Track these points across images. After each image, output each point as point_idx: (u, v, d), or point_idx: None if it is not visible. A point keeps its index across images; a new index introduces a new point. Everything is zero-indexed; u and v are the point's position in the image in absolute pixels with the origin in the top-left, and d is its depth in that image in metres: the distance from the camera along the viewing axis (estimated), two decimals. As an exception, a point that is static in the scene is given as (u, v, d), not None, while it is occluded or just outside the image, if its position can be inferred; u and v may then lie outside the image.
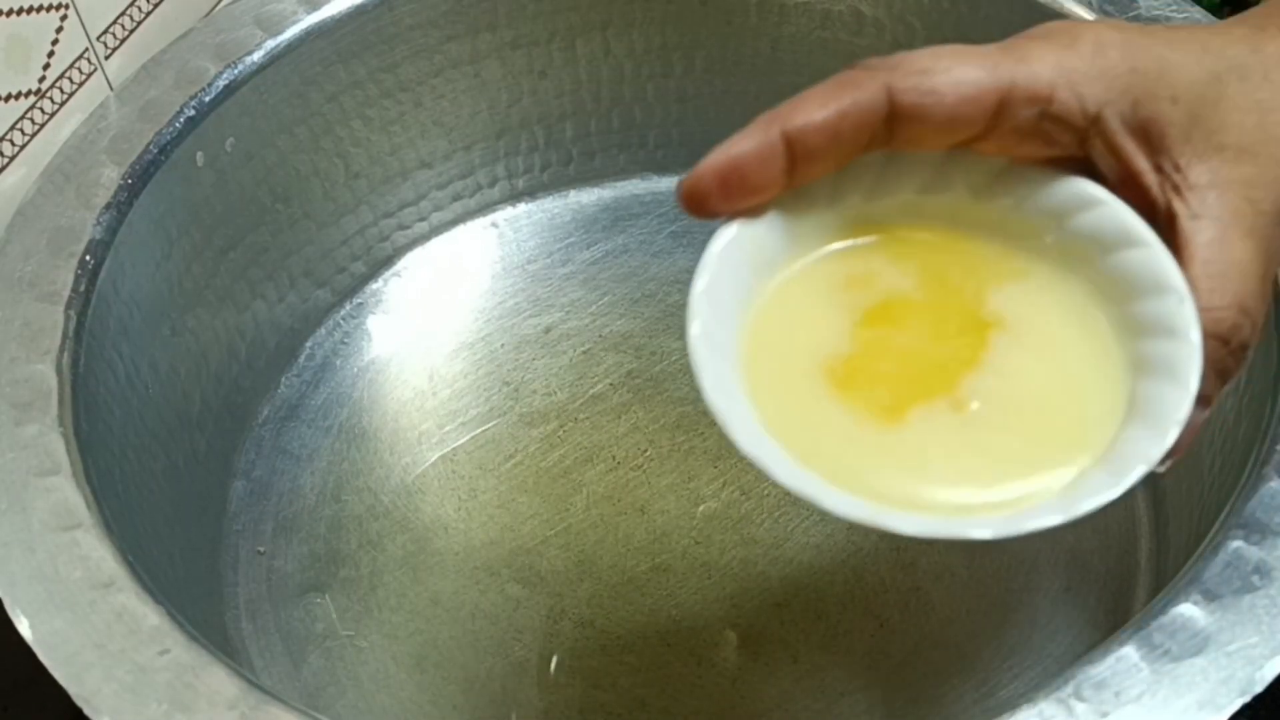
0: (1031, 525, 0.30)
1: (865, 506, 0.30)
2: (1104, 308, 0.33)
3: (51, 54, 0.51)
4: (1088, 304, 0.33)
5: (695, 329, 0.32)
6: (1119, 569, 0.53)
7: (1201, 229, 0.31)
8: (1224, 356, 0.32)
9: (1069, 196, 0.33)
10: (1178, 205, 0.32)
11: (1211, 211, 0.32)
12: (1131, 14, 0.54)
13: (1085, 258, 0.33)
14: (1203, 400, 0.31)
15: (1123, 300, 0.33)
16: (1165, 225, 0.33)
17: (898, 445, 0.32)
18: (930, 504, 0.31)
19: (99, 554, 0.42)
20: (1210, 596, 0.38)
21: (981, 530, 0.30)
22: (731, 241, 0.33)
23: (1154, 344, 0.32)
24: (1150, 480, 0.55)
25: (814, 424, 0.33)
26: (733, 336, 0.33)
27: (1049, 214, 0.34)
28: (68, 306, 0.48)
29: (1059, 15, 0.54)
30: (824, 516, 0.55)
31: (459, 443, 0.59)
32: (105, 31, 0.54)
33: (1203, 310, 0.31)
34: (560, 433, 0.59)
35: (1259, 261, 0.32)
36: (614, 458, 0.58)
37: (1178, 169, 0.32)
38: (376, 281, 0.65)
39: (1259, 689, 0.36)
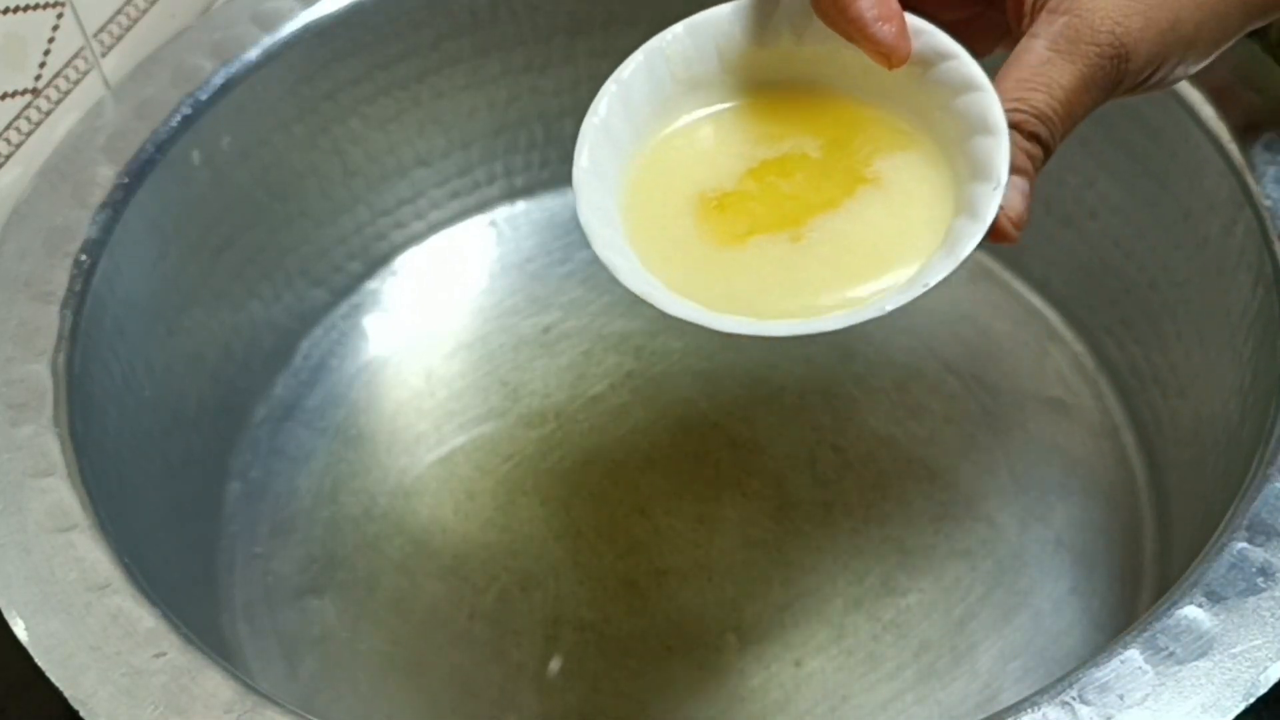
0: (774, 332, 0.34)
1: (696, 310, 0.35)
2: (959, 184, 0.36)
3: (48, 52, 0.51)
4: (951, 179, 0.36)
5: (584, 161, 0.37)
6: (1123, 571, 0.53)
7: (1032, 48, 0.34)
8: (1023, 122, 0.35)
9: (959, 78, 0.36)
10: (1034, 24, 0.35)
11: (1050, 33, 0.34)
12: None
13: (958, 137, 0.36)
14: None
15: (972, 180, 0.35)
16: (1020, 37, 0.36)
17: (728, 261, 0.36)
18: (740, 310, 0.35)
19: (94, 556, 0.42)
20: (1215, 598, 0.38)
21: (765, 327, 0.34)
22: (648, 59, 0.38)
23: (975, 193, 0.35)
24: (1156, 481, 0.55)
25: (662, 234, 0.37)
26: (639, 137, 0.38)
27: (942, 88, 0.36)
28: (63, 306, 0.48)
29: None
30: (824, 518, 0.56)
31: (457, 444, 0.59)
32: (102, 29, 0.53)
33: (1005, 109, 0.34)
34: (559, 434, 0.59)
35: (1075, 89, 0.34)
36: (613, 459, 0.58)
37: None
38: (373, 281, 0.64)
39: (1263, 691, 0.36)
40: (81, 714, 0.38)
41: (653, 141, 0.38)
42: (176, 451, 0.55)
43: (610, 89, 0.38)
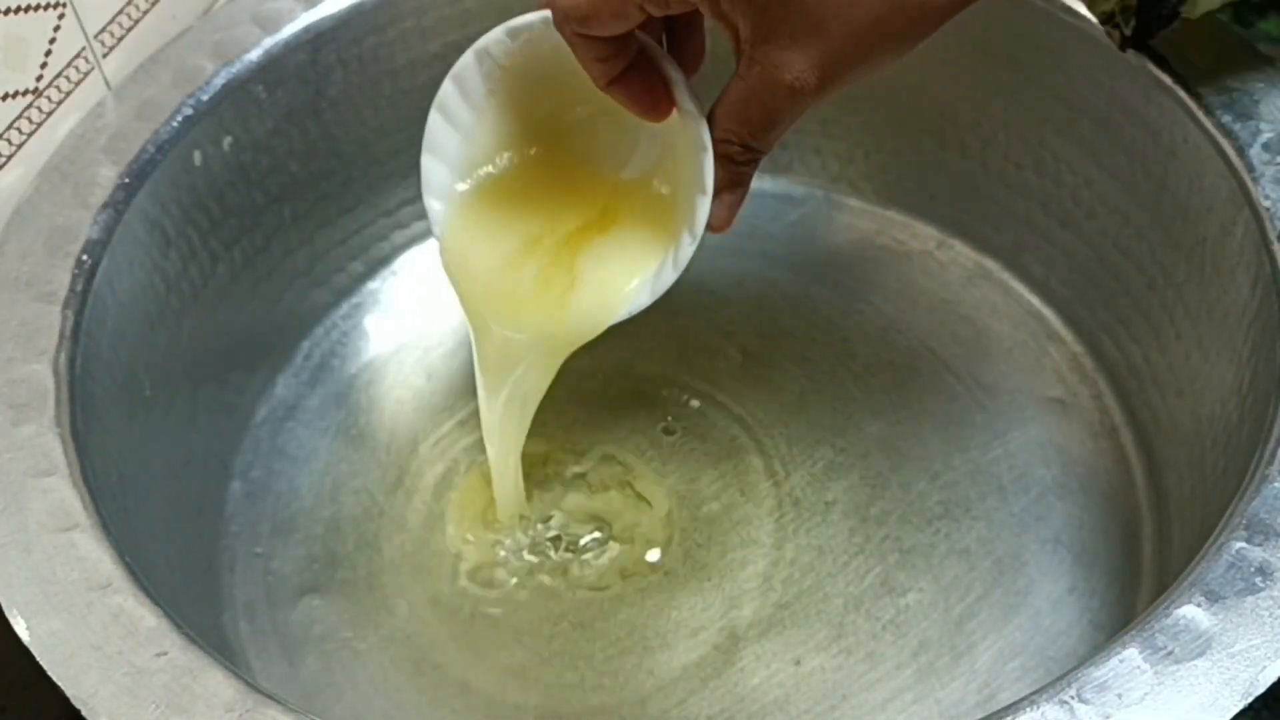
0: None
1: None
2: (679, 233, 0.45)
3: (49, 53, 0.51)
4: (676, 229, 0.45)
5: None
6: (1122, 570, 0.53)
7: (736, 87, 0.41)
8: (732, 153, 0.43)
9: (696, 138, 0.43)
10: (739, 65, 0.41)
11: (750, 76, 0.40)
12: None
13: (693, 192, 0.43)
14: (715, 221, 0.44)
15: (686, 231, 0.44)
16: None
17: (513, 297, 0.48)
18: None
19: (96, 555, 0.42)
20: (1213, 598, 0.38)
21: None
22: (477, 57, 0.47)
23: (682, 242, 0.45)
24: (1155, 481, 0.55)
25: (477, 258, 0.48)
26: (472, 143, 0.49)
27: (689, 143, 0.43)
28: (65, 306, 0.48)
29: None
30: (824, 518, 0.56)
31: (457, 444, 0.59)
32: (103, 30, 0.53)
33: (717, 141, 0.42)
34: (559, 434, 0.59)
35: (768, 124, 0.41)
36: (614, 459, 0.58)
37: (749, 44, 0.40)
38: (374, 281, 0.64)
39: (1262, 690, 0.36)
40: (83, 713, 0.38)
41: (481, 172, 0.49)
42: (177, 451, 0.55)
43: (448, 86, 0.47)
